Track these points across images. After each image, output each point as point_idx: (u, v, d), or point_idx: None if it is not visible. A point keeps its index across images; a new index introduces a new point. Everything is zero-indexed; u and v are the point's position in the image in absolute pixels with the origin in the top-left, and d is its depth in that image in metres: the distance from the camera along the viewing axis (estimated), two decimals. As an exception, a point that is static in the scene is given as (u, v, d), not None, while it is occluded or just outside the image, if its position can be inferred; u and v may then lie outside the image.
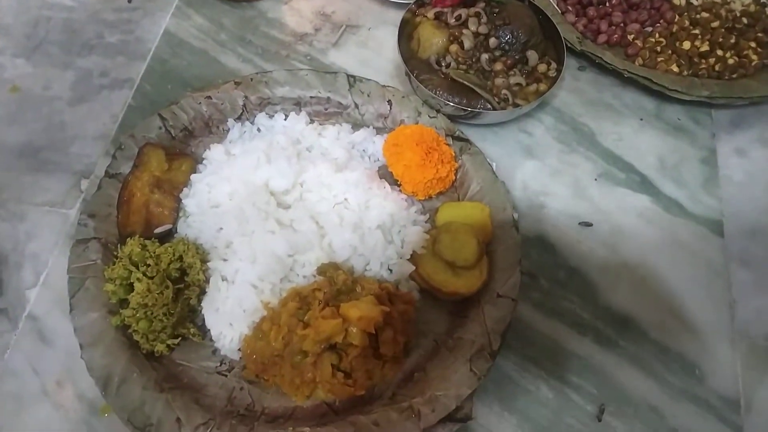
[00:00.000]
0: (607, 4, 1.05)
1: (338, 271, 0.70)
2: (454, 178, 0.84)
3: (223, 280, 0.71)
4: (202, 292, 0.72)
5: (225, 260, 0.72)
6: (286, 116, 0.89)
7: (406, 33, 0.95)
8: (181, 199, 0.79)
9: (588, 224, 0.86)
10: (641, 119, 0.97)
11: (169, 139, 0.85)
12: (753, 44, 1.00)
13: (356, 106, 0.91)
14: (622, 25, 1.03)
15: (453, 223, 0.77)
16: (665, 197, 0.89)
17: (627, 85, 0.99)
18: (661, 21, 1.03)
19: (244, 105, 0.89)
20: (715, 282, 0.82)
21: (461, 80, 0.87)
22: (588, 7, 1.04)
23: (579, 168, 0.91)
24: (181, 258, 0.72)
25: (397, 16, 0.94)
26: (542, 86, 0.91)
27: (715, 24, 1.02)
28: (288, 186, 0.77)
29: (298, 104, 0.91)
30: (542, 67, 0.92)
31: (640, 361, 0.75)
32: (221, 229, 0.74)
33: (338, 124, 0.90)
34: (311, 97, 0.91)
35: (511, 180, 0.88)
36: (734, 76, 0.97)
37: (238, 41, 1.01)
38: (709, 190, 0.90)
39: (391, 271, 0.76)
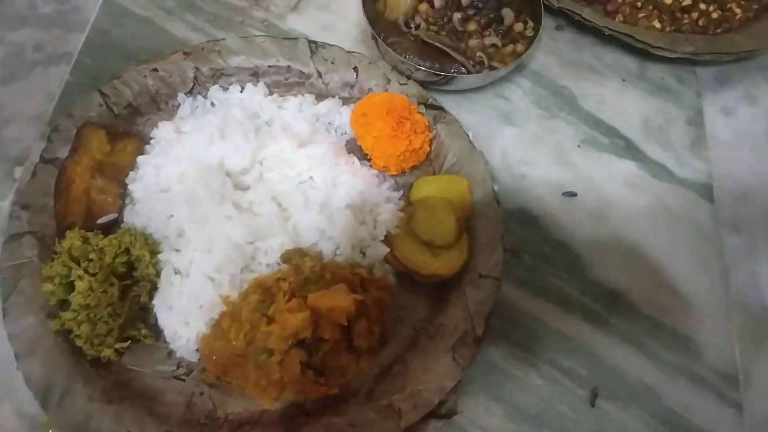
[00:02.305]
0: (584, -42, 0.98)
1: (305, 258, 0.63)
2: (428, 149, 0.78)
3: (176, 273, 0.64)
4: (154, 288, 0.65)
5: (177, 251, 0.65)
6: (243, 88, 0.81)
7: (371, -7, 0.87)
8: (126, 185, 0.71)
9: (572, 194, 0.80)
10: (623, 80, 0.91)
11: (111, 117, 0.76)
12: (736, -4, 0.95)
13: (319, 74, 0.83)
14: (600, -21, 0.96)
15: (429, 199, 0.71)
16: (652, 162, 0.84)
17: (608, 44, 0.93)
18: (642, -25, 0.97)
19: (196, 77, 0.81)
20: (707, 249, 0.77)
21: (432, 42, 0.79)
22: (564, -39, 0.97)
23: (561, 134, 0.85)
24: (127, 251, 0.64)
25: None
26: (519, 47, 0.84)
27: (698, -24, 0.96)
28: (246, 164, 0.69)
29: (256, 75, 0.83)
30: (518, 27, 0.85)
31: (632, 338, 0.71)
32: (172, 216, 0.66)
33: (300, 95, 0.82)
34: (269, 66, 0.83)
35: (489, 149, 0.82)
36: (718, 30, 0.92)
37: (186, 8, 0.91)
38: (696, 152, 0.85)
39: (363, 254, 0.70)
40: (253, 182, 0.70)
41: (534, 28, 0.85)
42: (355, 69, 0.83)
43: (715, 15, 0.93)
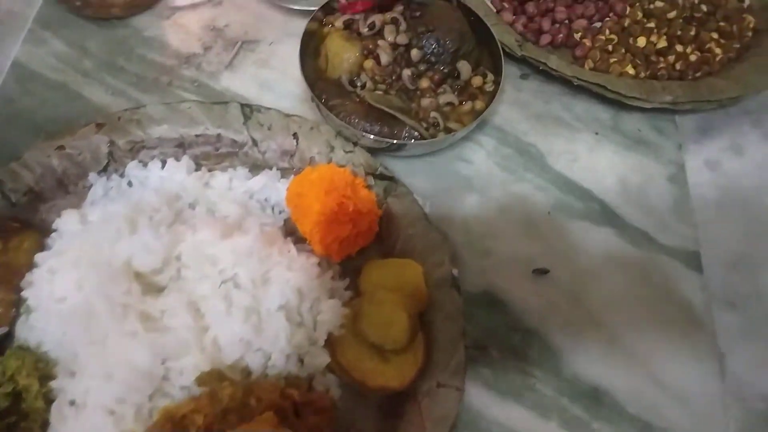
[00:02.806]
0: (549, -2, 0.90)
1: (223, 383, 0.53)
2: (377, 229, 0.68)
3: (70, 404, 0.53)
4: (45, 424, 0.54)
5: (73, 376, 0.54)
6: (165, 163, 0.71)
7: (312, 48, 0.78)
8: (21, 289, 0.60)
9: (544, 271, 0.71)
10: (596, 133, 0.82)
11: (7, 206, 0.66)
12: (715, 35, 0.87)
13: (254, 142, 0.74)
14: (566, 22, 0.88)
15: (377, 293, 0.61)
16: (631, 228, 0.75)
17: (578, 93, 0.84)
18: (611, 15, 0.89)
19: (111, 152, 0.71)
20: (698, 332, 0.68)
21: (379, 106, 0.70)
22: (527, 2, 0.88)
23: (529, 200, 0.76)
24: (13, 378, 0.54)
25: (304, 26, 0.76)
26: (479, 104, 0.75)
27: (672, 14, 0.88)
28: (158, 264, 0.59)
29: (182, 146, 0.73)
30: (477, 81, 0.76)
31: (618, 447, 0.61)
32: (65, 333, 0.55)
33: (231, 169, 0.72)
34: (197, 135, 0.73)
35: (449, 222, 0.73)
36: (698, 75, 0.84)
37: (106, 69, 0.81)
38: (680, 214, 0.76)
39: (302, 362, 0.59)
40: (169, 282, 0.60)
41: (495, 81, 0.76)
42: (295, 135, 0.73)
43: (693, 57, 0.85)
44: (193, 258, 0.60)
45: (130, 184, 0.71)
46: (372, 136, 0.70)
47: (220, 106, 0.74)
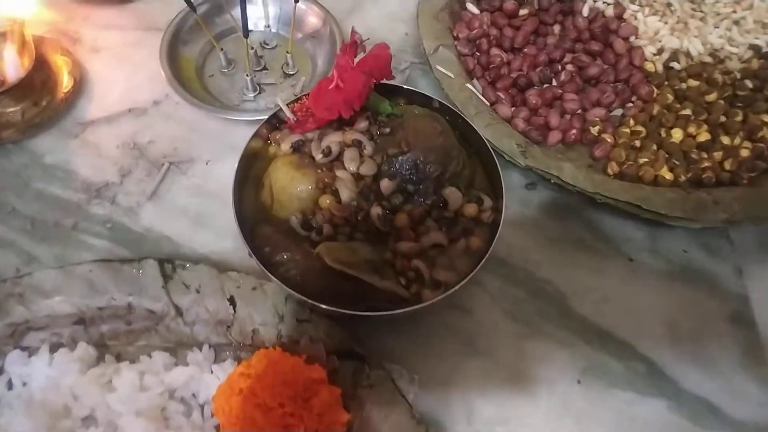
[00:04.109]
0: (554, 82, 0.72)
1: None
2: (345, 438, 0.49)
3: None
4: None
5: None
6: (54, 353, 0.52)
7: (254, 175, 0.60)
8: None
9: (579, 477, 0.51)
10: (631, 259, 0.63)
11: None
12: (767, 118, 0.69)
13: (178, 311, 0.55)
14: (579, 111, 0.70)
15: None
16: (689, 397, 0.56)
17: (602, 204, 0.65)
18: (634, 99, 0.71)
19: (-18, 341, 0.52)
20: None
21: (340, 268, 0.51)
22: (528, 89, 0.71)
23: (550, 363, 0.57)
24: None
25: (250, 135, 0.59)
26: (475, 241, 0.56)
27: (711, 96, 0.70)
28: None
29: (82, 322, 0.55)
30: (471, 209, 0.57)
31: None
32: None
33: (146, 356, 0.53)
34: (101, 308, 0.55)
35: (445, 408, 0.54)
36: (753, 174, 0.65)
37: (-7, 209, 0.63)
38: (752, 371, 0.57)
39: None
40: None
41: (494, 208, 0.58)
42: (232, 300, 0.55)
43: (745, 151, 0.66)
44: None
45: (9, 385, 0.52)
46: (331, 309, 0.51)
47: (130, 266, 0.56)
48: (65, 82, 0.70)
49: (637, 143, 0.68)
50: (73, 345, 0.54)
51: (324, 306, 0.51)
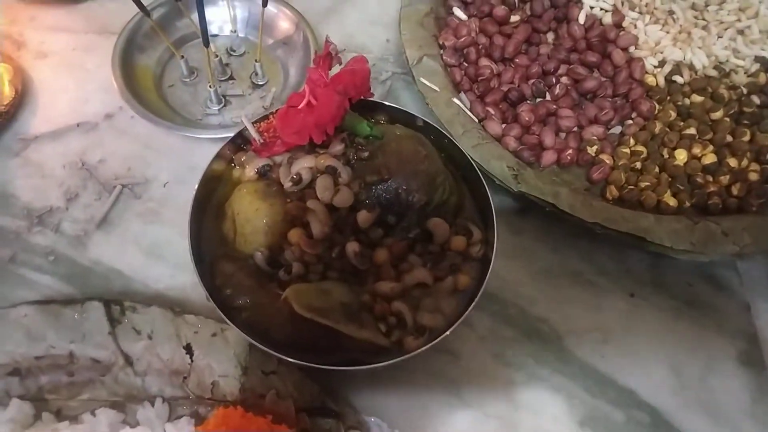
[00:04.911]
0: (548, 96, 0.66)
1: None
2: None
3: None
4: None
5: None
6: (-17, 412, 0.45)
7: (216, 202, 0.53)
8: None
9: None
10: (632, 295, 0.58)
11: None
12: (775, 137, 0.64)
13: (128, 361, 0.49)
14: (575, 129, 0.64)
15: None
16: (698, 450, 0.51)
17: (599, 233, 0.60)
18: (635, 116, 0.66)
19: None
20: None
21: (310, 316, 0.45)
22: (520, 104, 0.65)
23: (545, 414, 0.51)
24: None
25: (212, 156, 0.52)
26: (463, 279, 0.50)
27: (717, 114, 0.65)
28: None
29: (17, 373, 0.48)
30: (458, 243, 0.51)
31: None
32: None
33: (89, 414, 0.47)
34: (38, 357, 0.48)
35: (428, 470, 0.48)
36: (762, 201, 0.60)
37: None
38: (763, 420, 0.52)
39: None
40: None
41: (483, 240, 0.52)
42: (189, 348, 0.49)
43: (754, 175, 0.61)
44: None
45: (-74, 454, 0.45)
46: (302, 363, 0.45)
47: (72, 309, 0.49)
48: (6, 92, 0.63)
49: (638, 165, 0.62)
50: (7, 400, 0.47)
51: (292, 360, 0.44)
